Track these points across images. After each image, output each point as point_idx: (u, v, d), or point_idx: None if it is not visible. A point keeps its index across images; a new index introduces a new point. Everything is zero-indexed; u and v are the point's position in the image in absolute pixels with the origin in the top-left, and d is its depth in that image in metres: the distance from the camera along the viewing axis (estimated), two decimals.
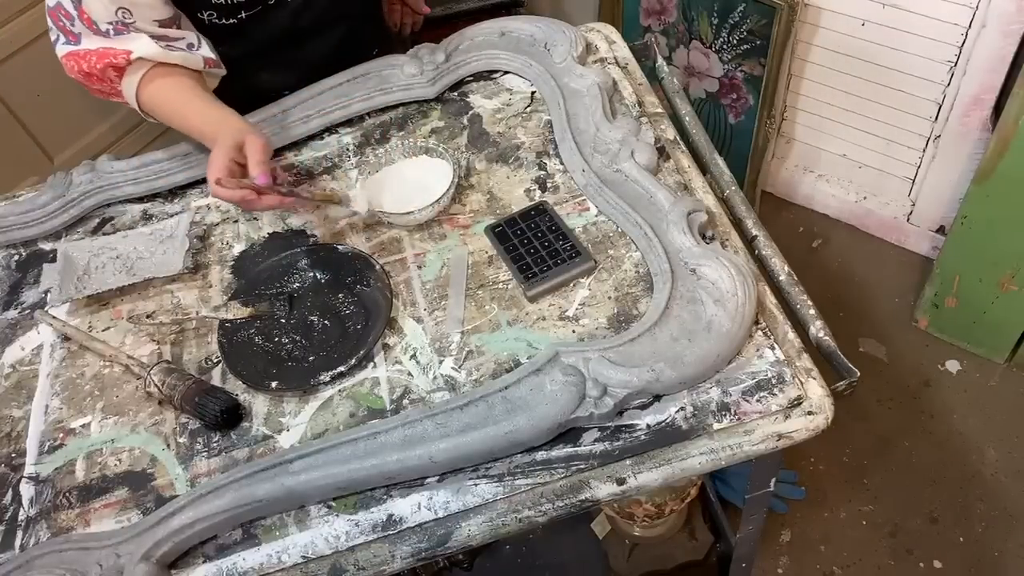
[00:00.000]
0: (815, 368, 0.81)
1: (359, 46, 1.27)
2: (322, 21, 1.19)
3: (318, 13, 1.17)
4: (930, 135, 1.77)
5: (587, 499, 0.78)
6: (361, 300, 0.94)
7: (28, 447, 0.89)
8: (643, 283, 0.91)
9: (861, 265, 2.00)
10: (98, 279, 1.02)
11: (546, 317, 0.90)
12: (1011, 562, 1.53)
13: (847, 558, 1.57)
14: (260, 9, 1.10)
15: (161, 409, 0.90)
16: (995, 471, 1.63)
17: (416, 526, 0.78)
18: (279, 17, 1.13)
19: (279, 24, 1.14)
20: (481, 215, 1.01)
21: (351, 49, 1.24)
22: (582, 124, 1.04)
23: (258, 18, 1.11)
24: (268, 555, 0.78)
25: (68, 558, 0.77)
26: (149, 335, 0.96)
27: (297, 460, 0.79)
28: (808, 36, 1.78)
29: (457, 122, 1.13)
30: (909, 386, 1.78)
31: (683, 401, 0.80)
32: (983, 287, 1.65)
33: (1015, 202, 1.48)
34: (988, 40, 1.53)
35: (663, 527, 1.53)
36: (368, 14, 1.29)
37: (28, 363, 0.97)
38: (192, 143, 1.10)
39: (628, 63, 1.16)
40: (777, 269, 0.92)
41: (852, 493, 1.64)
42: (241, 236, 1.05)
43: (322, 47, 1.21)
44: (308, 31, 1.18)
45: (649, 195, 0.94)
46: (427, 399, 0.85)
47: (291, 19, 1.14)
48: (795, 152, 2.07)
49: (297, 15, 1.14)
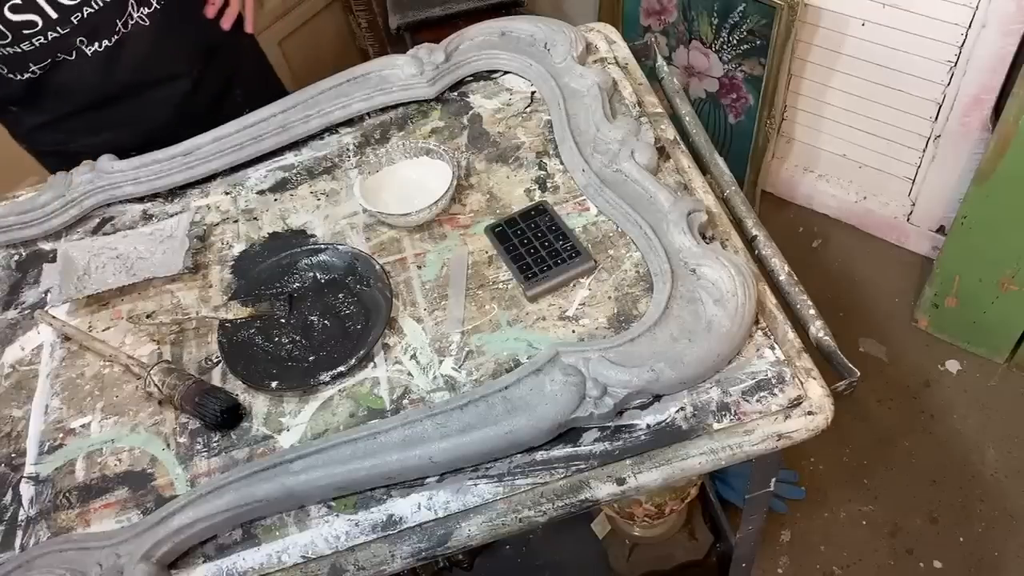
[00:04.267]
0: (815, 368, 0.81)
1: (214, 105, 1.26)
2: (145, 78, 1.19)
3: (137, 68, 1.17)
4: (930, 135, 1.77)
5: (587, 499, 0.78)
6: (361, 300, 0.94)
7: (28, 447, 0.89)
8: (643, 283, 0.91)
9: (861, 265, 2.00)
10: (98, 279, 1.02)
11: (546, 317, 0.90)
12: (1011, 562, 1.53)
13: (847, 558, 1.57)
14: (53, 63, 1.11)
15: (161, 409, 0.90)
16: (995, 471, 1.63)
17: (416, 526, 0.78)
18: (85, 72, 1.13)
19: (88, 80, 1.15)
20: (481, 215, 1.01)
21: (203, 108, 1.24)
22: (582, 124, 1.04)
23: (60, 72, 1.12)
24: (268, 555, 0.78)
25: (68, 558, 0.77)
26: (149, 335, 0.96)
27: (297, 460, 0.79)
28: (808, 36, 1.78)
29: (457, 122, 1.13)
30: (909, 386, 1.78)
31: (683, 401, 0.80)
32: (983, 287, 1.65)
33: (1015, 202, 1.48)
34: (988, 40, 1.53)
35: (663, 527, 1.53)
36: (220, 71, 1.27)
37: (28, 363, 0.97)
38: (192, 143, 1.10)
39: (628, 63, 1.16)
40: (777, 269, 0.92)
41: (852, 493, 1.64)
42: (241, 236, 1.05)
43: (159, 106, 1.22)
44: (134, 87, 1.19)
45: (649, 195, 0.94)
46: (427, 399, 0.85)
47: (99, 75, 1.14)
48: (795, 152, 2.07)
49: (107, 71, 1.14)
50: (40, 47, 1.08)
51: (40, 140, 1.25)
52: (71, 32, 1.09)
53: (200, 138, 1.11)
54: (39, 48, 1.08)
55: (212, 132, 1.11)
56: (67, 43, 1.10)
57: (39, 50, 1.08)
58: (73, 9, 1.07)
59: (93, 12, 1.09)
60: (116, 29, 1.13)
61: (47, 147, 1.23)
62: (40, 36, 1.07)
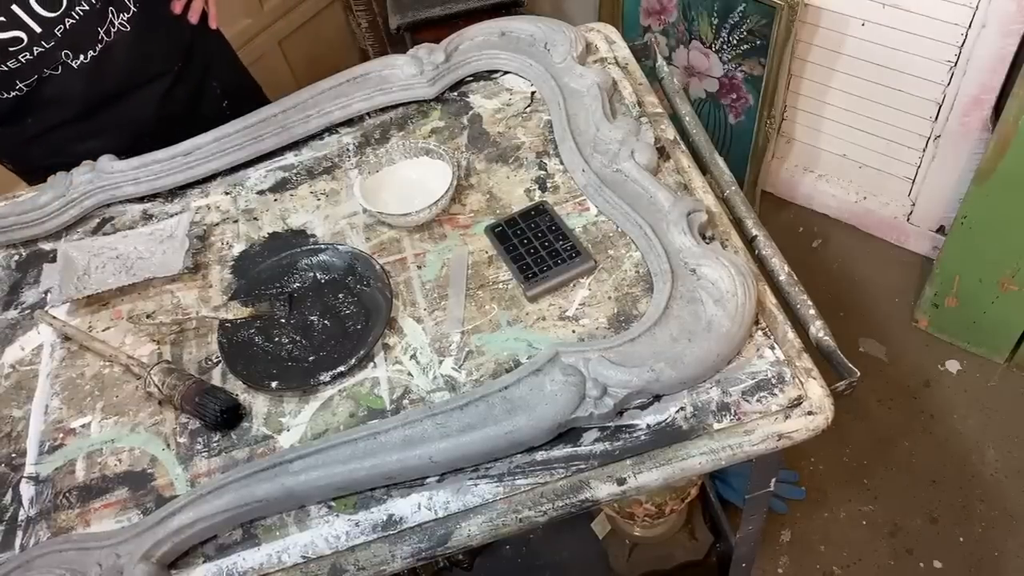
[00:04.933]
0: (815, 368, 0.81)
1: (194, 100, 1.28)
2: (129, 83, 1.19)
3: (121, 75, 1.17)
4: (930, 135, 1.77)
5: (587, 499, 0.78)
6: (361, 300, 0.94)
7: (28, 447, 0.89)
8: (643, 283, 0.91)
9: (861, 265, 2.00)
10: (98, 279, 1.02)
11: (546, 317, 0.90)
12: (1011, 562, 1.53)
13: (847, 558, 1.57)
14: (39, 79, 1.11)
15: (161, 409, 0.90)
16: (995, 471, 1.63)
17: (416, 526, 0.78)
18: (70, 85, 1.14)
19: (74, 92, 1.15)
20: (481, 215, 1.01)
21: (183, 104, 1.26)
22: (582, 124, 1.04)
23: (46, 87, 1.12)
24: (268, 555, 0.78)
25: (68, 558, 0.77)
26: (149, 335, 0.96)
27: (297, 460, 0.79)
28: (808, 36, 1.78)
29: (457, 122, 1.13)
30: (909, 386, 1.78)
31: (683, 401, 0.80)
32: (983, 287, 1.65)
33: (1015, 202, 1.48)
34: (988, 40, 1.53)
35: (663, 527, 1.53)
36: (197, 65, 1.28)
37: (28, 363, 0.97)
38: (192, 143, 1.10)
39: (628, 63, 1.16)
40: (777, 269, 0.92)
41: (852, 493, 1.64)
42: (241, 236, 1.05)
43: (142, 106, 1.22)
44: (120, 92, 1.19)
45: (649, 195, 0.94)
46: (427, 399, 0.85)
47: (86, 86, 1.14)
48: (795, 152, 2.07)
49: (93, 82, 1.15)
50: (26, 64, 1.08)
51: (25, 156, 1.24)
52: (55, 46, 1.09)
53: (200, 138, 1.11)
54: (25, 65, 1.08)
55: (212, 132, 1.11)
56: (52, 57, 1.10)
57: (25, 67, 1.09)
58: (56, 21, 1.07)
59: (75, 22, 1.09)
60: (99, 38, 1.13)
61: (33, 163, 1.23)
62: (26, 52, 1.07)
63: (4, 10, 1.03)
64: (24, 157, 1.25)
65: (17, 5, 1.03)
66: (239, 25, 2.12)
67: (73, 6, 1.08)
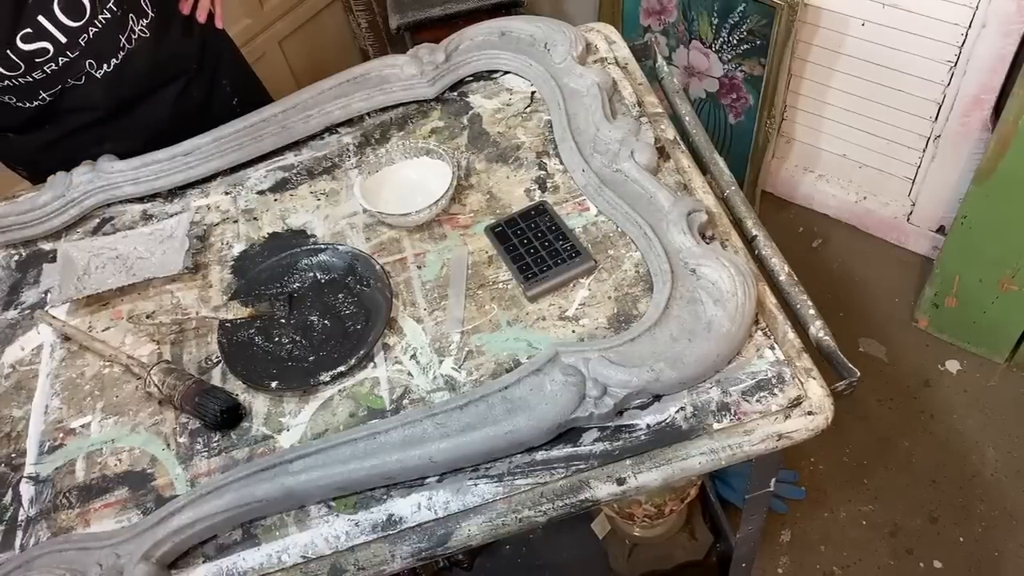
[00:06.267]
0: (815, 368, 0.81)
1: (206, 98, 1.28)
2: (147, 86, 1.20)
3: (141, 80, 1.18)
4: (930, 135, 1.77)
5: (587, 499, 0.78)
6: (361, 300, 0.94)
7: (28, 447, 0.89)
8: (643, 283, 0.91)
9: (861, 265, 2.00)
10: (98, 279, 1.02)
11: (546, 317, 0.90)
12: (1011, 562, 1.53)
13: (847, 558, 1.57)
14: (62, 89, 1.11)
15: (161, 409, 0.90)
16: (995, 471, 1.63)
17: (416, 526, 0.78)
18: (92, 93, 1.14)
19: (95, 99, 1.15)
20: (481, 215, 1.01)
21: (196, 103, 1.26)
22: (582, 124, 1.04)
23: (68, 96, 1.13)
24: (268, 555, 0.78)
25: (68, 558, 0.77)
26: (149, 335, 0.96)
27: (297, 460, 0.79)
28: (808, 36, 1.78)
29: (457, 122, 1.13)
30: (909, 386, 1.78)
31: (683, 401, 0.80)
32: (983, 287, 1.65)
33: (1015, 202, 1.48)
34: (988, 40, 1.53)
35: (663, 527, 1.53)
36: (209, 65, 1.29)
37: (28, 363, 0.97)
38: (192, 143, 1.10)
39: (628, 63, 1.16)
40: (777, 269, 0.92)
41: (852, 493, 1.64)
42: (241, 236, 1.05)
43: (158, 109, 1.23)
44: (133, 99, 1.19)
45: (649, 195, 0.94)
46: (427, 399, 0.85)
47: (107, 93, 1.15)
48: (795, 152, 2.07)
49: (115, 89, 1.15)
50: (51, 74, 1.09)
51: (40, 162, 1.24)
52: (80, 55, 1.09)
53: (200, 138, 1.11)
54: (50, 75, 1.09)
55: (212, 132, 1.11)
56: (77, 67, 1.10)
57: (50, 77, 1.09)
58: (79, 31, 1.07)
59: (98, 31, 1.09)
60: (121, 45, 1.13)
61: (47, 168, 1.23)
62: (52, 63, 1.07)
63: (31, 21, 1.03)
64: (38, 163, 1.25)
65: (43, 15, 1.04)
66: (240, 25, 2.12)
67: (96, 14, 1.08)
